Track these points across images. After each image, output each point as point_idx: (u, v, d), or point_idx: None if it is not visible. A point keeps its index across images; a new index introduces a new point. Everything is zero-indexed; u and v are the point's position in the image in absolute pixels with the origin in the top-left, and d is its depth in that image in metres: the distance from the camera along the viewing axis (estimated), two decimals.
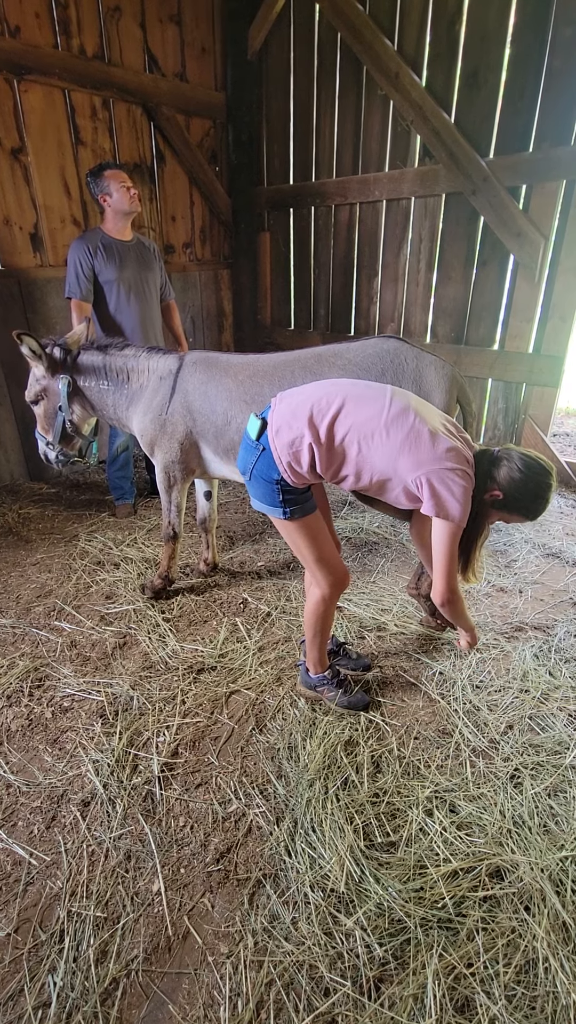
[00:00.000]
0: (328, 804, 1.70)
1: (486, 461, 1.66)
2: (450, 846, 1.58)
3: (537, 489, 1.63)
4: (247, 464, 1.78)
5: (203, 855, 1.60)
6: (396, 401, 1.64)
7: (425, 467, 1.58)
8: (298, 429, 1.64)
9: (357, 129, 4.25)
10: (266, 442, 1.70)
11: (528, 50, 3.35)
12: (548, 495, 1.64)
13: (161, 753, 1.90)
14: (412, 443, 1.58)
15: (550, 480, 1.63)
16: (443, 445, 1.59)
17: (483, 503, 1.68)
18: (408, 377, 2.04)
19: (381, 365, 2.05)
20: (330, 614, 1.94)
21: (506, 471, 1.63)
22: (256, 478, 1.75)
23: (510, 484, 1.63)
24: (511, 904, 1.45)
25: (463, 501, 1.59)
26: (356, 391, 1.68)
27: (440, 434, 1.61)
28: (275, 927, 1.42)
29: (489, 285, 3.92)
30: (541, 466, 1.63)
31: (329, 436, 1.63)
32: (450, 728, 1.99)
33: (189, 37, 4.31)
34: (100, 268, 3.15)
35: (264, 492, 1.76)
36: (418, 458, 1.58)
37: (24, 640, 2.48)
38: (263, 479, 1.73)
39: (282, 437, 1.67)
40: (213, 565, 2.98)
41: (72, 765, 1.88)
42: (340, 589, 1.89)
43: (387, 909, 1.43)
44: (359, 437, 1.61)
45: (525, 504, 1.66)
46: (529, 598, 2.75)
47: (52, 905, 1.49)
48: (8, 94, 3.49)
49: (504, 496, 1.65)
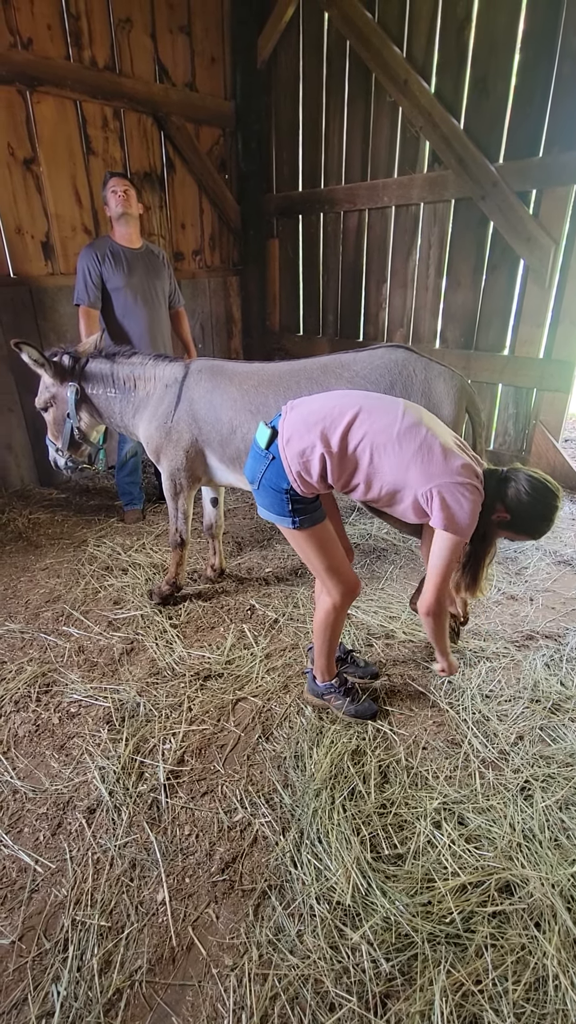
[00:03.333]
0: (335, 814, 1.68)
1: (494, 481, 1.66)
2: (459, 859, 1.55)
3: (544, 511, 1.63)
4: (256, 473, 1.77)
5: (208, 865, 1.59)
6: (409, 414, 1.64)
7: (436, 480, 1.57)
8: (310, 439, 1.64)
9: (366, 136, 4.26)
10: (276, 451, 1.69)
11: (537, 56, 3.35)
12: (554, 516, 1.64)
13: (167, 760, 1.89)
14: (424, 456, 1.58)
15: (557, 503, 1.63)
16: (456, 461, 1.60)
17: (490, 523, 1.68)
18: (417, 389, 2.02)
19: (390, 377, 2.03)
20: (340, 623, 1.93)
21: (514, 492, 1.63)
22: (264, 487, 1.75)
23: (518, 505, 1.63)
24: (521, 920, 1.42)
25: (471, 515, 1.59)
26: (369, 403, 1.68)
27: (452, 449, 1.62)
28: (280, 939, 1.41)
29: (499, 290, 3.90)
30: (548, 488, 1.62)
31: (342, 445, 1.63)
32: (459, 738, 1.97)
33: (199, 47, 4.35)
34: (108, 275, 3.18)
35: (273, 501, 1.75)
36: (429, 471, 1.58)
37: (32, 645, 2.49)
38: (272, 488, 1.73)
39: (293, 446, 1.66)
40: (220, 571, 2.98)
41: (78, 771, 1.88)
42: (351, 598, 1.88)
43: (394, 923, 1.41)
44: (371, 446, 1.61)
45: (532, 525, 1.67)
46: (540, 606, 2.71)
47: (57, 913, 1.49)
48: (21, 105, 3.54)
49: (512, 517, 1.66)
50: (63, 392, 2.58)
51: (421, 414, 1.67)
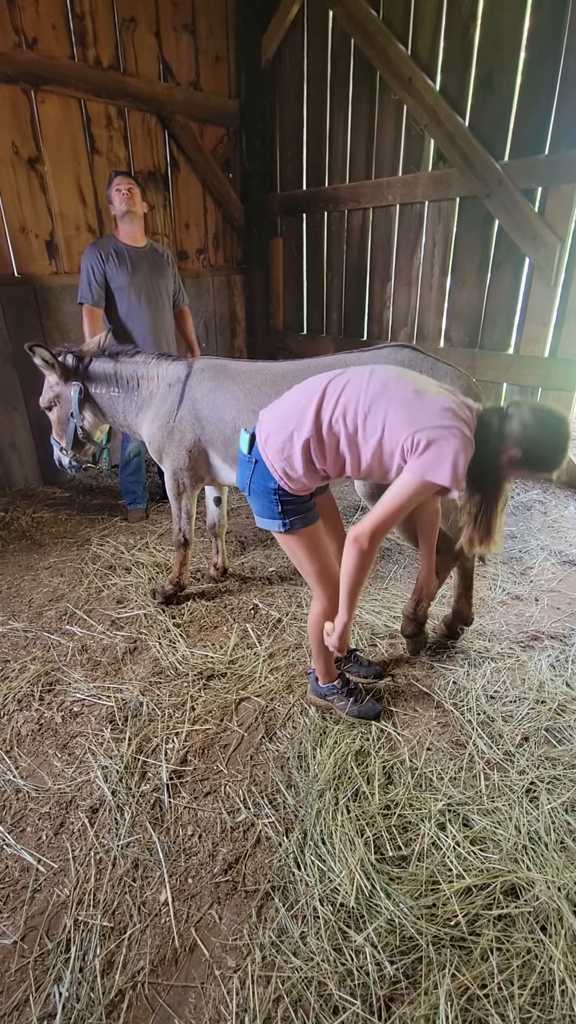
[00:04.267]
0: (338, 815, 1.67)
1: (496, 420, 1.55)
2: (463, 862, 1.54)
3: (556, 439, 1.53)
4: (244, 479, 1.76)
5: (211, 865, 1.58)
6: (378, 373, 1.59)
7: (416, 425, 1.47)
8: (286, 433, 1.61)
9: (370, 134, 4.24)
10: (257, 454, 1.68)
11: (543, 53, 3.32)
12: (567, 443, 1.54)
13: (170, 760, 1.88)
14: (400, 405, 1.51)
15: (566, 428, 1.54)
16: (437, 402, 1.50)
17: (500, 465, 1.57)
18: None
19: None
20: None
21: (519, 426, 1.53)
22: (255, 492, 1.73)
23: (526, 439, 1.52)
24: (526, 923, 1.40)
25: (454, 461, 1.46)
26: (338, 378, 1.63)
27: (430, 393, 1.53)
28: (283, 941, 1.40)
29: (504, 288, 3.88)
30: (554, 414, 1.54)
31: (316, 424, 1.58)
32: (463, 739, 1.95)
33: (203, 45, 4.34)
34: (112, 274, 3.17)
35: (263, 505, 1.73)
36: (409, 417, 1.49)
37: (36, 644, 2.49)
38: (261, 491, 1.71)
39: (271, 444, 1.64)
40: (223, 570, 2.97)
41: (81, 771, 1.87)
42: None
43: (398, 926, 1.40)
44: (345, 415, 1.55)
45: (546, 456, 1.55)
46: (545, 606, 2.69)
47: (59, 913, 1.48)
48: (25, 104, 3.55)
49: (523, 453, 1.54)
50: (67, 391, 2.59)
51: (394, 370, 1.61)
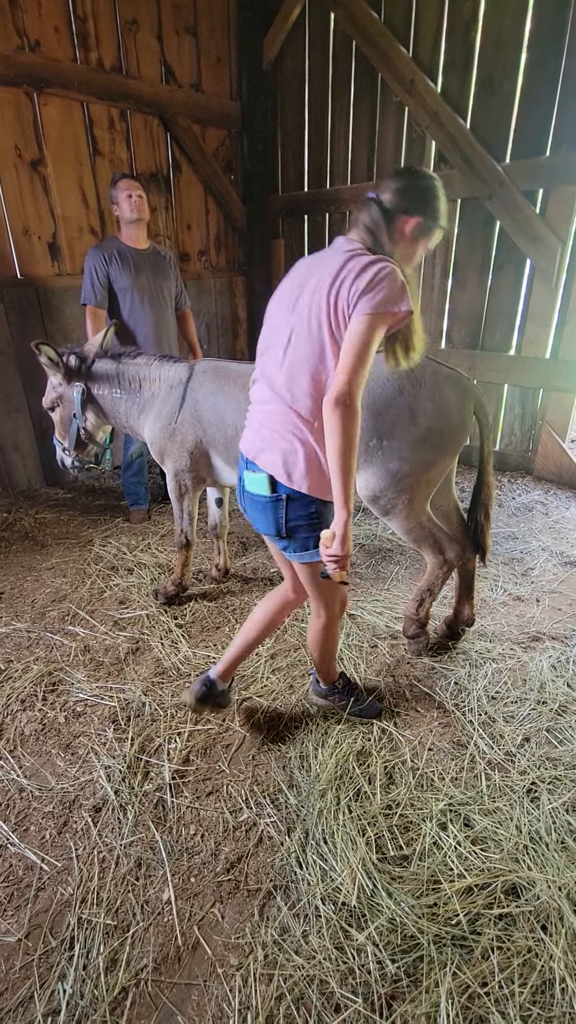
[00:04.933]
0: (340, 815, 1.67)
1: (376, 208, 1.45)
2: (464, 861, 1.55)
3: (426, 182, 1.46)
4: (273, 522, 1.58)
5: (213, 864, 1.59)
6: (273, 317, 1.57)
7: (343, 278, 1.39)
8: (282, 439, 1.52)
9: (372, 136, 4.26)
10: (284, 489, 1.54)
11: (544, 55, 3.33)
12: (437, 185, 1.47)
13: (172, 760, 1.90)
14: (320, 288, 1.42)
15: (427, 173, 1.50)
16: (346, 249, 1.44)
17: (402, 241, 1.47)
18: (425, 393, 2.01)
19: (398, 382, 2.02)
20: (337, 635, 1.92)
21: (395, 194, 1.44)
22: (296, 528, 1.57)
23: (408, 199, 1.43)
24: (527, 923, 1.41)
25: (395, 281, 1.36)
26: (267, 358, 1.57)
27: (327, 262, 1.45)
28: (286, 940, 1.41)
29: (505, 290, 3.89)
30: (413, 170, 1.50)
31: (274, 390, 1.52)
32: (465, 740, 1.96)
33: (205, 48, 4.36)
34: (115, 275, 3.19)
35: (307, 537, 1.58)
36: (334, 278, 1.41)
37: (39, 644, 2.50)
38: (303, 522, 1.56)
39: (299, 467, 1.51)
40: (225, 571, 2.98)
41: (84, 770, 1.88)
42: (343, 611, 1.86)
43: (400, 925, 1.41)
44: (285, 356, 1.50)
45: (430, 205, 1.46)
46: (546, 607, 2.70)
47: (63, 911, 1.49)
48: (28, 107, 3.56)
49: (419, 214, 1.45)
50: (69, 392, 2.60)
51: (276, 300, 1.58)
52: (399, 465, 2.04)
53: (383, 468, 2.06)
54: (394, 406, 2.01)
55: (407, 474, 2.05)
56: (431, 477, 2.11)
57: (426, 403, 2.01)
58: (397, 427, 2.01)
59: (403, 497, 2.10)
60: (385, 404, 2.01)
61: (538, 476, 4.12)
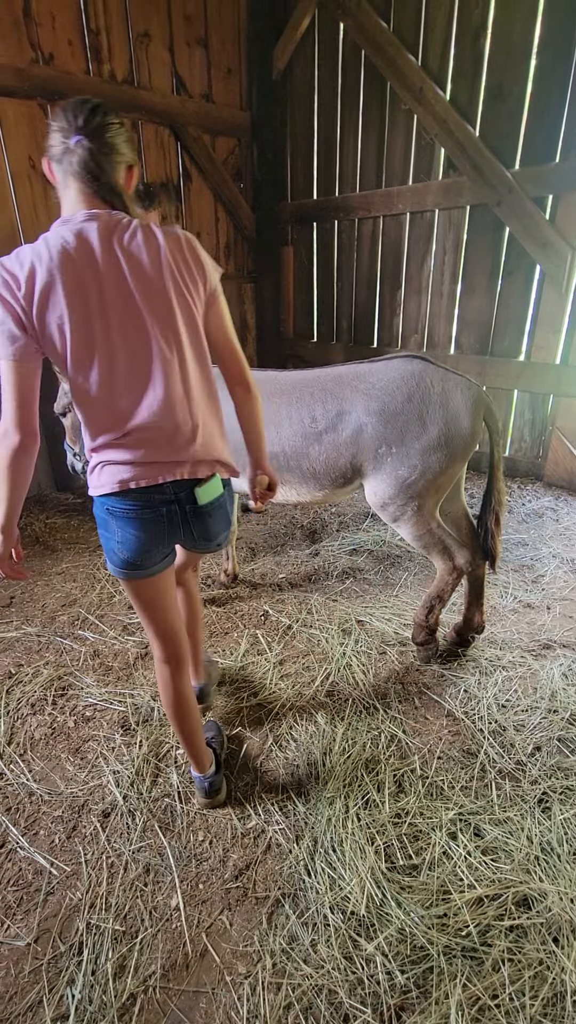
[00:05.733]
0: (348, 823, 1.67)
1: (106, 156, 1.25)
2: (475, 871, 1.53)
3: (102, 113, 1.27)
4: (228, 517, 1.55)
5: (222, 871, 1.59)
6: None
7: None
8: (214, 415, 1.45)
9: (381, 143, 4.28)
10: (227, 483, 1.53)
11: (554, 61, 3.34)
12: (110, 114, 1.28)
13: (181, 767, 1.90)
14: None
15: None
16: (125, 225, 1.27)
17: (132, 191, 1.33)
18: (435, 400, 2.01)
19: (407, 389, 2.02)
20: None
21: (87, 150, 1.24)
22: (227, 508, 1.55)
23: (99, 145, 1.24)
24: (538, 935, 1.39)
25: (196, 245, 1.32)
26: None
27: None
28: (294, 948, 1.40)
29: (515, 296, 3.88)
30: (99, 105, 1.28)
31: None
32: (475, 748, 1.94)
33: (215, 59, 4.42)
34: None
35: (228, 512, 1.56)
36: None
37: (49, 649, 2.52)
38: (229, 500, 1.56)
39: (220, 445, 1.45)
40: (234, 576, 2.99)
41: (93, 775, 1.89)
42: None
43: (409, 935, 1.40)
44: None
45: (111, 138, 1.26)
46: (557, 615, 2.68)
47: (72, 916, 1.50)
48: (42, 119, 3.63)
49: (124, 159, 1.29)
50: None
51: None
52: (408, 472, 2.04)
53: (392, 475, 2.07)
54: (403, 413, 2.01)
55: (416, 481, 2.05)
56: (440, 484, 2.11)
57: (436, 410, 2.01)
58: (406, 434, 2.02)
59: (412, 504, 2.09)
60: (394, 411, 2.02)
61: (548, 482, 4.10)
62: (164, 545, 1.44)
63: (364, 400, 2.06)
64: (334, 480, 2.21)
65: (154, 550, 1.42)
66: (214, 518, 1.48)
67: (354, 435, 2.09)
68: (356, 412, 2.07)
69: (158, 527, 1.39)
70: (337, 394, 2.12)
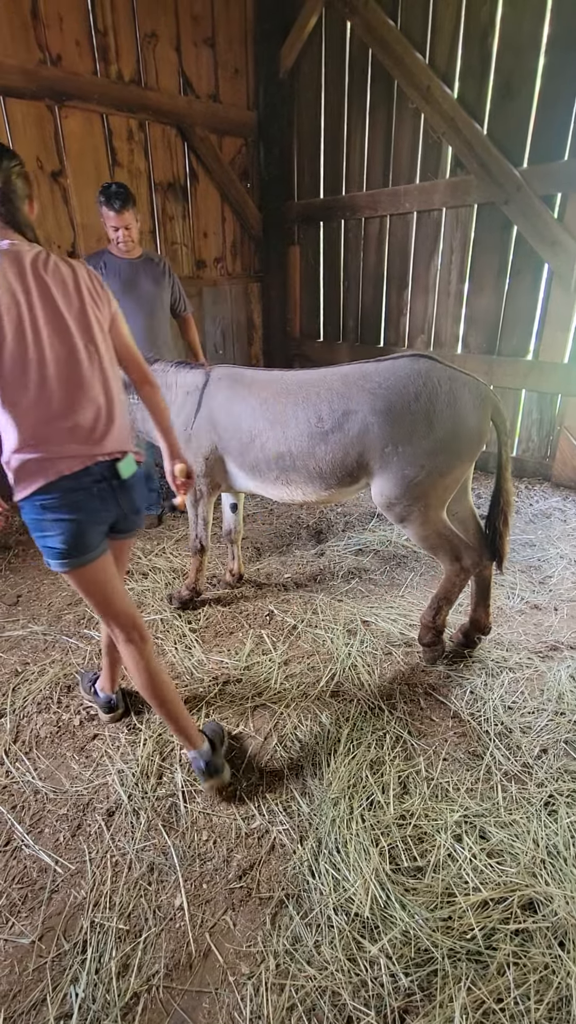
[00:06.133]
0: (353, 824, 1.66)
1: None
2: (480, 874, 1.52)
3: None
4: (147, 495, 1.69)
5: (226, 871, 1.59)
6: None
7: None
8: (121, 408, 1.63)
9: (388, 142, 4.26)
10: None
11: (563, 58, 3.31)
12: None
13: (185, 765, 1.90)
14: None
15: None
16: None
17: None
18: (442, 399, 1.99)
19: (414, 388, 2.00)
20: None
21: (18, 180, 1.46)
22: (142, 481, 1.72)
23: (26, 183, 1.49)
24: (544, 939, 1.38)
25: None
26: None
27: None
28: (297, 949, 1.39)
29: (522, 295, 3.85)
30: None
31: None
32: (480, 750, 1.93)
33: (222, 59, 4.41)
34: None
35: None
36: None
37: (55, 647, 2.53)
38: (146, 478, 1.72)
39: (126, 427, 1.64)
40: (239, 576, 2.99)
41: (98, 773, 1.89)
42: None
43: (413, 937, 1.39)
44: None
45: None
46: (565, 616, 2.65)
47: (76, 915, 1.50)
48: (50, 120, 3.64)
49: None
50: None
51: None
52: (415, 472, 2.03)
53: (398, 474, 2.05)
54: (410, 412, 2.00)
55: (423, 481, 2.04)
56: (447, 484, 2.09)
57: (443, 409, 1.99)
58: (413, 433, 2.00)
59: (419, 504, 2.08)
60: (401, 410, 2.00)
61: (556, 482, 4.07)
62: (100, 523, 1.58)
63: (370, 399, 2.05)
64: (340, 480, 2.21)
65: (91, 531, 1.55)
66: (137, 491, 1.66)
67: (360, 434, 2.08)
68: (362, 411, 2.06)
69: (91, 505, 1.53)
70: (343, 393, 2.11)
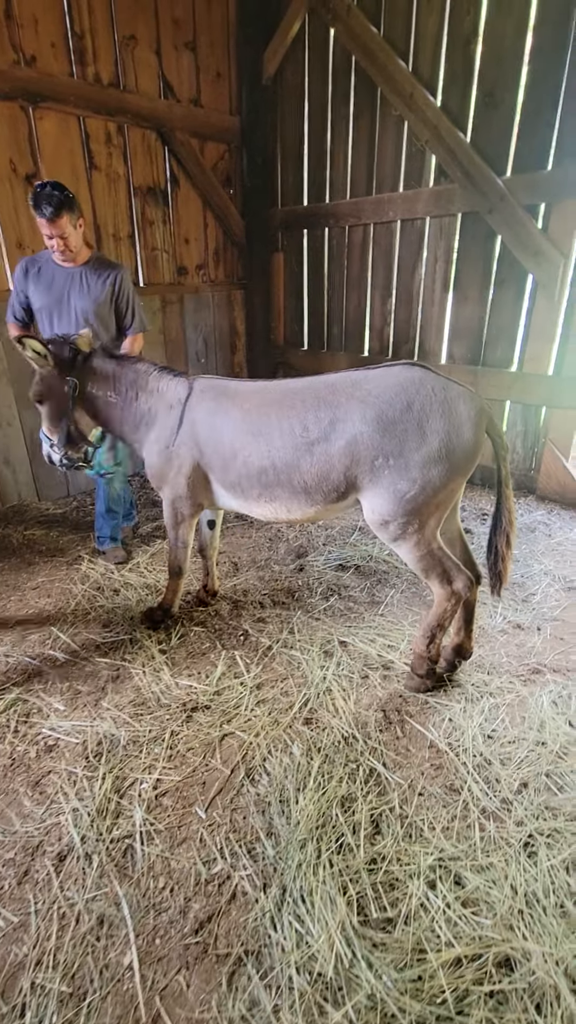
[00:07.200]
0: (320, 870, 1.55)
1: None
2: (454, 927, 1.42)
3: None
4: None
5: (181, 923, 1.47)
6: None
7: None
8: None
9: (371, 150, 4.21)
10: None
11: (546, 68, 3.27)
12: None
13: (144, 803, 1.78)
14: None
15: None
16: None
17: None
18: (436, 410, 1.88)
19: (407, 397, 1.90)
20: None
21: None
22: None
23: None
24: (520, 1001, 1.28)
25: None
26: None
27: None
28: (255, 1015, 1.28)
29: (507, 305, 3.80)
30: None
31: None
32: (458, 784, 1.83)
33: (204, 63, 4.34)
34: (32, 292, 2.85)
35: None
36: None
37: (16, 670, 2.40)
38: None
39: None
40: (213, 593, 2.88)
41: (52, 812, 1.77)
42: None
43: (379, 1001, 1.28)
44: None
45: None
46: (548, 636, 2.57)
47: (16, 974, 1.38)
48: (24, 121, 3.54)
49: None
50: (60, 385, 2.39)
51: None
52: (408, 486, 1.92)
53: (391, 489, 1.94)
54: (402, 422, 1.89)
55: (416, 496, 1.92)
56: (441, 499, 1.98)
57: (437, 419, 1.88)
58: (405, 444, 1.89)
59: (414, 522, 1.97)
60: (392, 420, 1.89)
61: (541, 495, 4.00)
62: None
63: (360, 407, 1.94)
64: (326, 495, 2.09)
65: None
66: None
67: (348, 445, 1.96)
68: (351, 420, 1.94)
69: None
70: (331, 401, 2.00)
